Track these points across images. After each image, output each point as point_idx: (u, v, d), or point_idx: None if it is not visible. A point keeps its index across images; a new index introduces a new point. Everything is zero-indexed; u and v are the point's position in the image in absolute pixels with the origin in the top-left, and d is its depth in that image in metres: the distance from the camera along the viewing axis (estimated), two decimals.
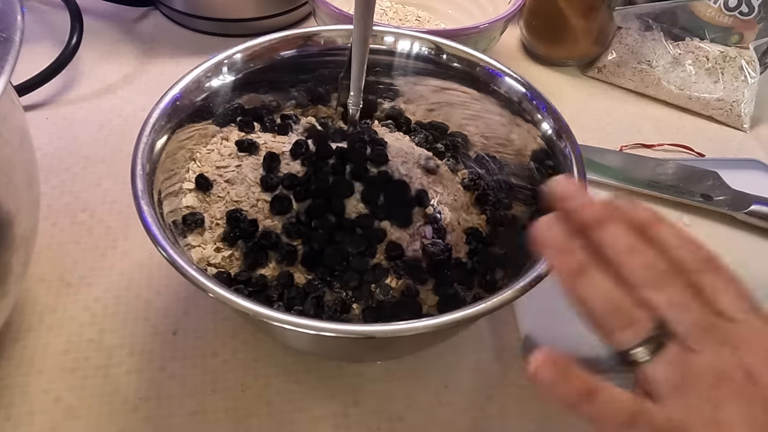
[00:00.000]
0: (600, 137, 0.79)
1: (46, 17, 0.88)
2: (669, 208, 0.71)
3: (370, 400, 0.53)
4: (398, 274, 0.51)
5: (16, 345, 0.54)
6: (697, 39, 0.83)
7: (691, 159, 0.77)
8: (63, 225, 0.63)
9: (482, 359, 0.56)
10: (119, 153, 0.70)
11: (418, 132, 0.63)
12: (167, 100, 0.51)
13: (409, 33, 0.61)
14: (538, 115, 0.55)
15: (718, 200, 0.70)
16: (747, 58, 0.81)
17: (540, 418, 0.53)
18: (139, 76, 0.81)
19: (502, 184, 0.59)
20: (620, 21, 0.85)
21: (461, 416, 0.53)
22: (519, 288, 0.42)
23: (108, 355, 0.54)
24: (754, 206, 0.69)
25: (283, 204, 0.51)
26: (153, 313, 0.57)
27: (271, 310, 0.39)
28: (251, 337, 0.56)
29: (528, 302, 0.58)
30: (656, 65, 0.85)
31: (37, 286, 0.58)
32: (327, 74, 0.61)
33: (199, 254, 0.50)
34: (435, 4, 0.90)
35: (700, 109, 0.84)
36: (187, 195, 0.53)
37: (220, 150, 0.56)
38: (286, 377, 0.54)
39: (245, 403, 0.52)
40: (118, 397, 0.52)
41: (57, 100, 0.76)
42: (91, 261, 0.60)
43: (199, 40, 0.87)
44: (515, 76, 0.57)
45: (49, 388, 0.52)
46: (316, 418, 0.52)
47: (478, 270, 0.53)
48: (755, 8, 0.79)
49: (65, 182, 0.66)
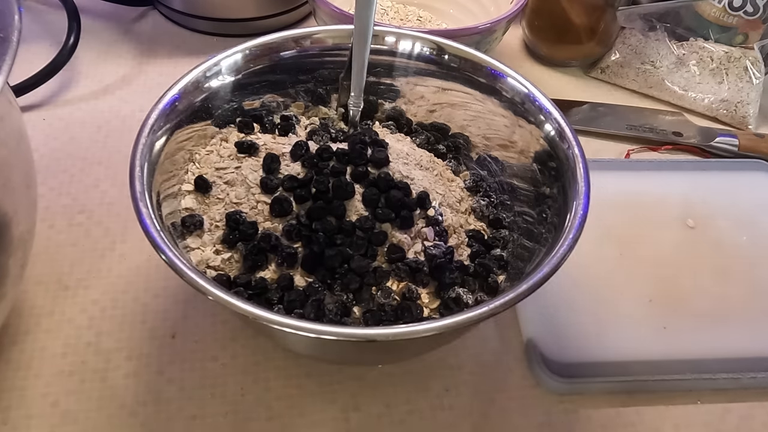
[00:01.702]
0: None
1: (44, 17, 0.88)
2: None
3: (371, 405, 0.53)
4: (399, 277, 0.51)
5: (14, 348, 0.54)
6: (701, 39, 0.84)
7: (696, 160, 0.77)
8: (60, 227, 0.63)
9: (484, 363, 0.56)
10: (117, 154, 0.70)
11: (420, 133, 0.63)
12: (166, 100, 0.51)
13: (411, 33, 0.61)
14: (540, 116, 0.55)
15: (688, 135, 0.80)
16: (752, 59, 0.81)
17: (543, 423, 0.53)
18: (137, 77, 0.81)
19: (505, 186, 0.59)
20: (624, 21, 0.85)
21: (463, 420, 0.53)
22: (521, 291, 0.42)
23: (106, 358, 0.54)
24: (719, 138, 0.79)
25: (283, 206, 0.51)
26: (151, 316, 0.57)
27: (271, 313, 0.39)
28: (251, 340, 0.56)
29: (531, 305, 0.59)
30: (660, 66, 0.85)
31: (34, 289, 0.58)
32: (327, 75, 0.61)
33: (198, 256, 0.50)
34: (436, 4, 0.90)
35: (704, 110, 0.84)
36: (186, 197, 0.53)
37: (220, 151, 0.56)
38: (286, 381, 0.54)
39: (245, 408, 0.52)
40: (115, 402, 0.52)
41: (54, 101, 0.76)
42: (89, 263, 0.60)
43: (198, 40, 0.87)
44: (517, 76, 0.57)
45: (47, 391, 0.52)
46: (317, 422, 0.52)
47: (480, 273, 0.53)
48: (760, 8, 0.79)
49: (63, 184, 0.66)
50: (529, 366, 0.56)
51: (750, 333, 0.60)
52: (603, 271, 0.63)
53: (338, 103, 0.62)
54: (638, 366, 0.56)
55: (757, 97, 0.82)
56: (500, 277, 0.53)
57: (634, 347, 0.58)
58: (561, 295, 0.61)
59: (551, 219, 0.51)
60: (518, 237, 0.56)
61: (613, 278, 0.63)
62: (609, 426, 0.54)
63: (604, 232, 0.66)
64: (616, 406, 0.55)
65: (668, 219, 0.69)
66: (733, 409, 0.55)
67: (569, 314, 0.59)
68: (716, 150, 0.79)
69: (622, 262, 0.64)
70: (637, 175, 0.73)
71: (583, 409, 0.54)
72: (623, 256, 0.65)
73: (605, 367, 0.56)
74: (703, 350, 0.58)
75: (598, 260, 0.64)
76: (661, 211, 0.70)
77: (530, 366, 0.56)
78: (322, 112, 0.63)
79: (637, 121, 0.81)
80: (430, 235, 0.53)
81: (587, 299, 0.61)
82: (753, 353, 0.58)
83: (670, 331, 0.59)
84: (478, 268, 0.53)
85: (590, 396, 0.55)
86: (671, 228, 0.68)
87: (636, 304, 0.61)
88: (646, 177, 0.73)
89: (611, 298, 0.61)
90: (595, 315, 0.59)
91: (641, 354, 0.57)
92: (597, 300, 0.61)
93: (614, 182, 0.72)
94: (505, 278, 0.53)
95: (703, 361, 0.57)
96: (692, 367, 0.56)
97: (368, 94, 0.61)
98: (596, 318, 0.59)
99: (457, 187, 0.59)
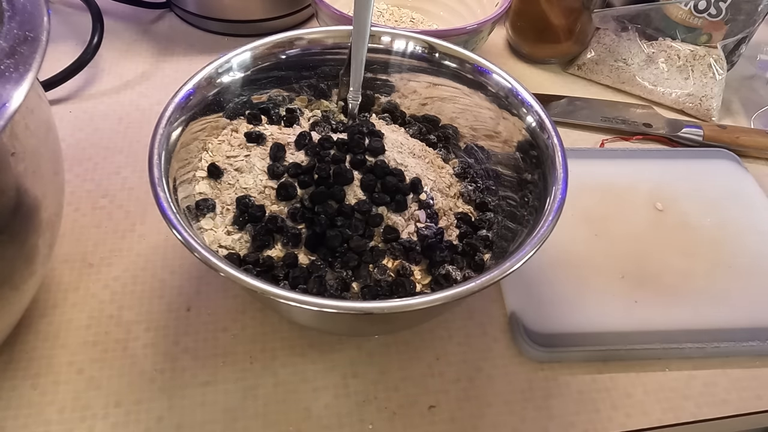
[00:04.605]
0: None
1: (70, 18, 0.87)
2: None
3: (368, 372, 0.53)
4: (394, 256, 0.51)
5: (42, 321, 0.54)
6: (669, 39, 0.83)
7: (665, 149, 0.77)
8: (85, 210, 0.62)
9: (471, 334, 0.56)
10: (137, 144, 0.70)
11: (412, 124, 0.62)
12: (181, 95, 0.51)
13: (404, 33, 0.60)
14: (523, 109, 0.55)
15: (657, 126, 0.80)
16: (715, 57, 0.81)
17: (525, 389, 0.53)
18: (155, 73, 0.80)
19: (490, 173, 0.59)
20: (598, 22, 0.84)
21: (452, 386, 0.53)
22: (505, 268, 0.42)
23: (126, 329, 0.54)
24: (685, 129, 0.79)
25: (288, 191, 0.51)
26: (168, 291, 0.57)
27: (278, 288, 0.39)
28: (259, 313, 0.56)
29: (514, 281, 0.59)
30: (631, 63, 0.84)
31: (61, 267, 0.57)
32: (328, 71, 0.61)
33: (211, 237, 0.50)
34: (428, 7, 0.90)
35: (672, 104, 0.84)
36: (200, 182, 0.53)
37: (230, 141, 0.56)
38: (291, 350, 0.54)
39: (253, 375, 0.52)
40: (135, 369, 0.51)
41: (80, 95, 0.75)
42: (111, 243, 0.60)
43: (210, 40, 0.87)
44: (502, 73, 0.57)
45: (73, 360, 0.52)
46: (318, 388, 0.52)
47: (468, 252, 0.52)
48: (723, 11, 0.79)
49: (87, 171, 0.66)
50: (512, 337, 0.56)
51: (713, 306, 0.59)
52: (580, 250, 0.63)
53: (338, 97, 0.62)
54: (612, 336, 0.56)
55: (720, 91, 0.81)
56: (486, 256, 0.53)
57: (608, 319, 0.57)
58: (542, 271, 0.60)
59: (532, 203, 0.51)
60: (502, 219, 0.55)
61: (589, 256, 0.63)
62: (585, 391, 0.53)
63: (580, 214, 0.66)
64: (592, 373, 0.55)
65: (639, 203, 0.69)
66: (698, 375, 0.55)
67: (549, 289, 0.59)
68: (683, 140, 0.79)
69: (597, 242, 0.64)
70: (610, 163, 0.73)
71: (561, 376, 0.54)
72: (598, 236, 0.65)
73: (582, 337, 0.56)
74: (670, 322, 0.58)
75: (575, 240, 0.64)
76: (633, 196, 0.69)
77: (513, 337, 0.56)
78: (324, 105, 0.62)
79: (610, 114, 0.81)
80: (422, 218, 0.53)
81: (565, 275, 0.60)
82: (716, 324, 0.58)
83: (641, 305, 0.59)
84: (466, 248, 0.53)
85: (568, 364, 0.55)
86: (642, 211, 0.68)
87: (610, 279, 0.61)
88: (619, 164, 0.73)
89: (587, 275, 0.61)
90: (573, 290, 0.59)
91: (614, 325, 0.57)
92: (574, 276, 0.61)
93: (590, 169, 0.72)
94: (491, 257, 0.53)
95: (670, 332, 0.57)
96: (661, 338, 0.56)
97: (366, 89, 0.61)
98: (574, 292, 0.59)
99: (447, 174, 0.59)
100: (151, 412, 0.49)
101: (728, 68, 0.84)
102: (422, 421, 0.51)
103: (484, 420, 0.51)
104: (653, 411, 0.53)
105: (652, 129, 0.79)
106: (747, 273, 0.63)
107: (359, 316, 0.42)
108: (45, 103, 0.47)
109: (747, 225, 0.68)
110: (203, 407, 0.50)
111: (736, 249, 0.65)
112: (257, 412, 0.50)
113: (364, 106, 0.62)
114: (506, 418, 0.51)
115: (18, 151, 0.39)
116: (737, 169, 0.74)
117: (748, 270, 0.63)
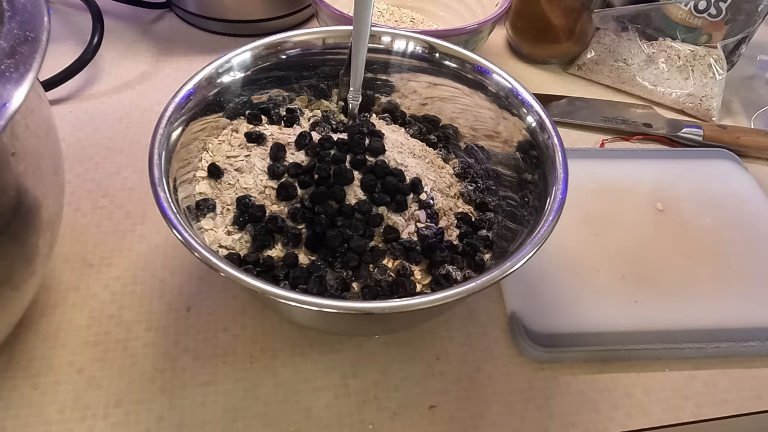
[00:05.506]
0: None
1: (70, 18, 0.87)
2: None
3: (368, 372, 0.53)
4: (394, 256, 0.51)
5: (43, 320, 0.54)
6: (669, 39, 0.83)
7: (665, 149, 0.77)
8: (85, 210, 0.62)
9: (471, 334, 0.56)
10: (137, 144, 0.70)
11: (413, 124, 0.62)
12: (182, 95, 0.51)
13: (404, 33, 0.60)
14: (523, 109, 0.55)
15: (658, 126, 0.79)
16: (715, 57, 0.81)
17: (526, 389, 0.53)
18: (155, 73, 0.80)
19: (490, 173, 0.59)
20: (599, 22, 0.84)
21: (452, 386, 0.53)
22: (506, 268, 0.42)
23: (127, 329, 0.54)
24: (685, 129, 0.79)
25: (288, 191, 0.51)
26: (168, 291, 0.57)
27: (278, 288, 0.39)
28: (259, 313, 0.56)
29: (514, 281, 0.59)
30: (631, 63, 0.84)
31: (61, 267, 0.57)
32: (329, 71, 0.61)
33: (211, 237, 0.50)
34: (428, 7, 0.90)
35: (672, 104, 0.84)
36: (200, 182, 0.53)
37: (231, 141, 0.56)
38: (291, 350, 0.54)
39: (253, 375, 0.52)
40: (136, 369, 0.51)
41: (80, 95, 0.75)
42: (111, 243, 0.60)
43: (210, 40, 0.87)
44: (502, 73, 0.57)
45: (73, 360, 0.51)
46: (319, 388, 0.52)
47: (468, 252, 0.52)
48: (723, 10, 0.79)
49: (88, 171, 0.66)
50: (513, 337, 0.56)
51: (713, 306, 0.59)
52: (580, 250, 0.63)
53: (339, 97, 0.62)
54: (612, 336, 0.56)
55: (720, 91, 0.81)
56: (486, 256, 0.53)
57: (608, 319, 0.57)
58: (542, 271, 0.60)
59: (533, 203, 0.51)
60: (503, 219, 0.55)
61: (589, 256, 0.62)
62: (586, 391, 0.53)
63: (581, 214, 0.66)
64: (593, 374, 0.55)
65: (639, 203, 0.69)
66: (697, 375, 0.55)
67: (549, 289, 0.59)
68: (683, 140, 0.78)
69: (597, 242, 0.64)
70: (611, 163, 0.73)
71: (562, 376, 0.54)
72: (598, 236, 0.64)
73: (582, 337, 0.56)
74: (670, 322, 0.58)
75: (576, 240, 0.64)
76: (633, 196, 0.69)
77: (513, 337, 0.56)
78: (324, 105, 0.62)
79: (610, 114, 0.81)
80: (423, 218, 0.53)
81: (566, 276, 0.60)
82: (716, 325, 0.58)
83: (641, 305, 0.59)
84: (466, 248, 0.53)
85: (568, 364, 0.55)
86: (642, 211, 0.68)
87: (610, 280, 0.61)
88: (619, 165, 0.73)
89: (587, 275, 0.61)
90: (573, 290, 0.59)
91: (615, 325, 0.57)
92: (575, 276, 0.60)
93: (590, 169, 0.72)
94: (491, 257, 0.53)
95: (670, 332, 0.57)
96: (661, 338, 0.56)
97: (366, 89, 0.61)
98: (574, 293, 0.59)
99: (447, 174, 0.59)
100: (152, 412, 0.49)
101: (728, 68, 0.84)
102: (422, 421, 0.51)
103: (484, 420, 0.51)
104: (654, 411, 0.53)
105: (652, 129, 0.79)
106: (747, 273, 0.63)
107: (359, 316, 0.42)
108: (45, 103, 0.47)
109: (747, 225, 0.68)
110: (203, 407, 0.50)
111: (736, 249, 0.65)
112: (257, 412, 0.50)
113: (365, 106, 0.62)
114: (506, 418, 0.51)
115: (18, 151, 0.39)
116: (737, 169, 0.74)
117: (747, 270, 0.63)
